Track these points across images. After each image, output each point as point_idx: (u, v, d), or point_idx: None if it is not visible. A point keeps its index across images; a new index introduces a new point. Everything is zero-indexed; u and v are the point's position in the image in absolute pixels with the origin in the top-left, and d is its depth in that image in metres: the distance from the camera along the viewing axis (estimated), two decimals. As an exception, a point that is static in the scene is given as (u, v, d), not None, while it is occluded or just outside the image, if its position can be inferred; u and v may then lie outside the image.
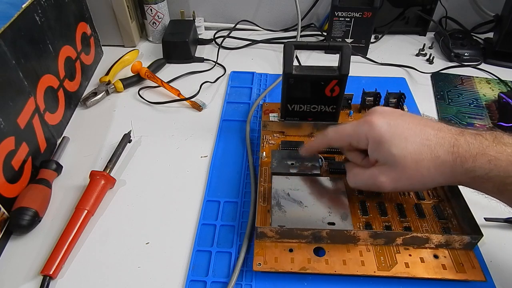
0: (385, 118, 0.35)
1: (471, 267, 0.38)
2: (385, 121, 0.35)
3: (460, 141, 0.33)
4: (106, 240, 0.43)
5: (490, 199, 0.34)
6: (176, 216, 0.45)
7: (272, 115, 0.56)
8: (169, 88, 0.63)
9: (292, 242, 0.40)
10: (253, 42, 0.77)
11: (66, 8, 0.58)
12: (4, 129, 0.41)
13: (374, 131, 0.35)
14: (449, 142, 0.33)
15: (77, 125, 0.58)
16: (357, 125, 0.37)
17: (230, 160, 0.52)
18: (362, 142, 0.36)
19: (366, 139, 0.36)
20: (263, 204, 0.44)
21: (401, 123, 0.35)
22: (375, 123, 0.35)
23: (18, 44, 0.45)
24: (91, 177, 0.46)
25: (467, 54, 0.71)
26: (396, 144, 0.34)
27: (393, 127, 0.34)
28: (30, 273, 0.40)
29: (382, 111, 0.37)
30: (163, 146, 0.54)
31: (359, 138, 0.37)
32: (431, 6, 0.76)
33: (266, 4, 0.80)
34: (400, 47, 0.76)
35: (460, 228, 0.41)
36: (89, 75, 0.67)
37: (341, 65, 0.46)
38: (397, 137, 0.34)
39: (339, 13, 0.69)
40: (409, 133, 0.34)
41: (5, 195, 0.42)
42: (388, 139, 0.34)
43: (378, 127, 0.35)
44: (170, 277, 0.39)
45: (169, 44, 0.70)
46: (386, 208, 0.43)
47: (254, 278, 0.39)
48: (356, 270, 0.38)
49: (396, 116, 0.36)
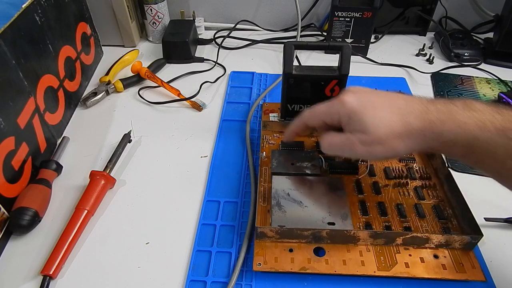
0: (356, 94, 0.37)
1: (471, 267, 0.38)
2: (356, 97, 0.37)
3: (430, 108, 0.34)
4: (106, 240, 0.43)
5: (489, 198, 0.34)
6: (176, 216, 0.45)
7: (272, 115, 0.56)
8: (169, 88, 0.63)
9: (292, 242, 0.40)
10: (253, 42, 0.77)
11: (66, 8, 0.58)
12: (4, 129, 0.41)
13: (345, 107, 0.36)
14: (419, 109, 0.34)
15: (77, 125, 0.58)
16: (330, 103, 0.39)
17: (230, 160, 0.52)
18: (335, 119, 0.38)
19: (338, 116, 0.37)
20: (263, 204, 0.44)
21: (372, 97, 0.37)
22: (346, 100, 0.37)
23: (18, 44, 0.45)
24: (91, 177, 0.46)
25: (467, 54, 0.71)
26: (367, 113, 0.35)
27: (364, 101, 0.36)
28: (30, 273, 0.40)
29: (353, 89, 0.38)
30: (163, 146, 0.54)
31: (332, 115, 0.38)
32: (431, 6, 0.76)
33: (266, 4, 0.80)
34: (400, 47, 0.76)
35: (460, 228, 0.41)
36: (89, 75, 0.67)
37: (341, 65, 0.46)
38: (368, 108, 0.35)
39: (339, 13, 0.69)
40: (380, 104, 0.36)
41: (5, 195, 0.42)
42: (359, 111, 0.36)
43: (349, 103, 0.36)
44: (170, 277, 0.39)
45: (169, 44, 0.70)
46: (386, 208, 0.43)
47: (254, 278, 0.39)
48: (356, 270, 0.38)
49: (367, 92, 0.38)
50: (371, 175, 0.47)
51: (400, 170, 0.48)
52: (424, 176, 0.47)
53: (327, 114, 0.39)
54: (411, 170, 0.48)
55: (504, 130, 0.31)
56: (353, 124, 0.36)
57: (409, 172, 0.48)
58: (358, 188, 0.46)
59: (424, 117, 0.34)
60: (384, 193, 0.45)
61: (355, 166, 0.47)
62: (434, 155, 0.48)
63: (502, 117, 0.31)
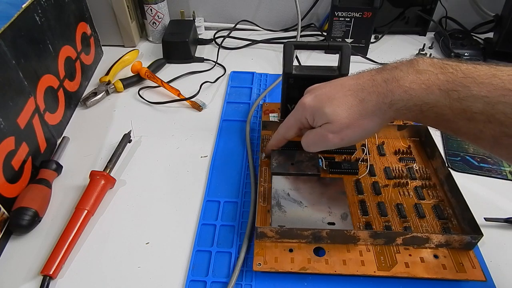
0: (312, 93, 0.39)
1: (471, 267, 0.38)
2: (312, 96, 0.39)
3: (378, 79, 0.35)
4: (106, 240, 0.43)
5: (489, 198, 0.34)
6: (176, 216, 0.45)
7: (272, 115, 0.56)
8: (169, 88, 0.63)
9: (292, 242, 0.40)
10: (253, 42, 0.77)
11: (66, 8, 0.58)
12: (4, 129, 0.41)
13: (306, 108, 0.39)
14: (368, 84, 0.35)
15: (77, 125, 0.58)
16: (294, 112, 0.41)
17: (230, 160, 0.52)
18: (305, 122, 0.40)
19: (305, 119, 0.39)
20: (263, 204, 0.44)
21: (325, 89, 0.38)
22: (305, 102, 0.39)
23: (18, 44, 0.45)
24: (91, 177, 0.46)
25: (467, 54, 0.71)
26: (325, 105, 0.37)
27: (319, 95, 0.38)
28: (30, 273, 0.39)
29: (310, 89, 0.41)
30: (163, 146, 0.54)
31: (301, 121, 0.40)
32: (431, 6, 0.76)
33: (266, 4, 0.80)
34: (400, 47, 0.77)
35: (460, 228, 0.41)
36: (89, 75, 0.67)
37: (341, 65, 0.46)
38: (324, 100, 0.37)
39: (339, 13, 0.69)
40: (333, 92, 0.37)
41: (5, 195, 0.42)
42: (318, 106, 0.37)
43: (308, 103, 0.38)
44: (170, 277, 0.39)
45: (169, 44, 0.70)
46: (386, 208, 0.43)
47: (254, 278, 0.39)
48: (356, 270, 0.38)
49: (321, 86, 0.39)
50: (371, 175, 0.48)
51: (400, 170, 0.48)
52: (424, 176, 0.47)
53: (296, 122, 0.41)
54: (411, 170, 0.48)
55: (447, 91, 0.31)
56: (318, 119, 0.38)
57: (409, 172, 0.48)
58: (358, 188, 0.46)
59: (373, 90, 0.34)
60: (384, 193, 0.45)
61: (355, 166, 0.47)
62: (434, 155, 0.48)
63: (445, 77, 0.31)
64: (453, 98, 0.31)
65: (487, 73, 0.30)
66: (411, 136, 0.52)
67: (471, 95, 0.30)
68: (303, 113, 0.39)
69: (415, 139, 0.52)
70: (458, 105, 0.30)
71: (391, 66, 0.35)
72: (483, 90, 0.29)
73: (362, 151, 0.50)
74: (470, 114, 0.30)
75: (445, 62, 0.32)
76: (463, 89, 0.30)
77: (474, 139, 0.32)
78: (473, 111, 0.30)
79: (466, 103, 0.30)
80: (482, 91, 0.29)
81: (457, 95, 0.30)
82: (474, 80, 0.30)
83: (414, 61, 0.33)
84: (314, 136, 0.39)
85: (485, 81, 0.29)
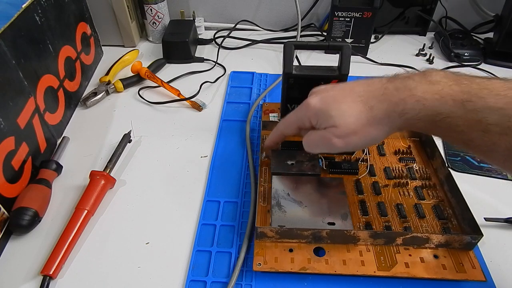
0: (318, 95, 0.38)
1: (471, 267, 0.38)
2: (318, 97, 0.38)
3: (389, 88, 0.34)
4: (106, 240, 0.43)
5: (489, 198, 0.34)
6: (176, 216, 0.45)
7: (272, 115, 0.56)
8: (169, 88, 0.63)
9: (292, 242, 0.40)
10: (253, 42, 0.77)
11: (66, 8, 0.58)
12: (4, 129, 0.41)
13: (310, 109, 0.38)
14: (379, 92, 0.34)
15: (77, 125, 0.58)
16: (297, 110, 0.40)
17: (230, 160, 0.52)
18: (307, 123, 0.39)
19: (308, 120, 0.39)
20: (263, 204, 0.44)
21: (333, 93, 0.37)
22: (310, 102, 0.38)
23: (18, 44, 0.45)
24: (91, 177, 0.46)
25: (467, 54, 0.71)
26: (332, 108, 0.36)
27: (325, 98, 0.37)
28: (30, 273, 0.39)
29: (316, 90, 0.40)
30: (163, 146, 0.54)
31: (302, 121, 0.39)
32: (431, 6, 0.76)
33: (266, 4, 0.80)
34: (400, 47, 0.77)
35: (460, 228, 0.41)
36: (89, 75, 0.67)
37: (341, 65, 0.46)
38: (331, 103, 0.36)
39: (339, 13, 0.69)
40: (341, 96, 0.36)
41: (5, 195, 0.42)
42: (324, 108, 0.37)
43: (313, 104, 0.37)
44: (170, 277, 0.39)
45: (169, 44, 0.70)
46: (386, 208, 0.43)
47: (254, 278, 0.39)
48: (356, 270, 0.38)
49: (328, 89, 0.38)
50: (371, 175, 0.48)
51: (400, 170, 0.48)
52: (424, 176, 0.47)
53: (297, 121, 0.40)
54: (411, 170, 0.48)
55: (462, 102, 0.30)
56: (323, 122, 0.37)
57: (409, 172, 0.48)
58: (358, 188, 0.46)
59: (384, 98, 0.34)
60: (384, 193, 0.45)
61: (355, 166, 0.47)
62: (434, 155, 0.48)
63: (460, 88, 0.31)
64: (468, 109, 0.30)
65: (502, 86, 0.30)
66: (411, 136, 0.52)
67: (487, 107, 0.29)
68: (306, 113, 0.38)
69: (415, 139, 0.52)
70: (473, 116, 0.30)
71: (403, 76, 0.34)
72: (499, 102, 0.29)
73: (362, 151, 0.50)
74: (485, 126, 0.30)
75: (458, 74, 0.32)
76: (479, 100, 0.30)
77: (486, 151, 0.31)
78: (488, 123, 0.29)
79: (481, 114, 0.30)
80: (498, 103, 0.29)
81: (473, 106, 0.30)
82: (490, 92, 0.30)
83: (427, 72, 0.33)
84: (317, 137, 0.38)
85: (501, 93, 0.29)
